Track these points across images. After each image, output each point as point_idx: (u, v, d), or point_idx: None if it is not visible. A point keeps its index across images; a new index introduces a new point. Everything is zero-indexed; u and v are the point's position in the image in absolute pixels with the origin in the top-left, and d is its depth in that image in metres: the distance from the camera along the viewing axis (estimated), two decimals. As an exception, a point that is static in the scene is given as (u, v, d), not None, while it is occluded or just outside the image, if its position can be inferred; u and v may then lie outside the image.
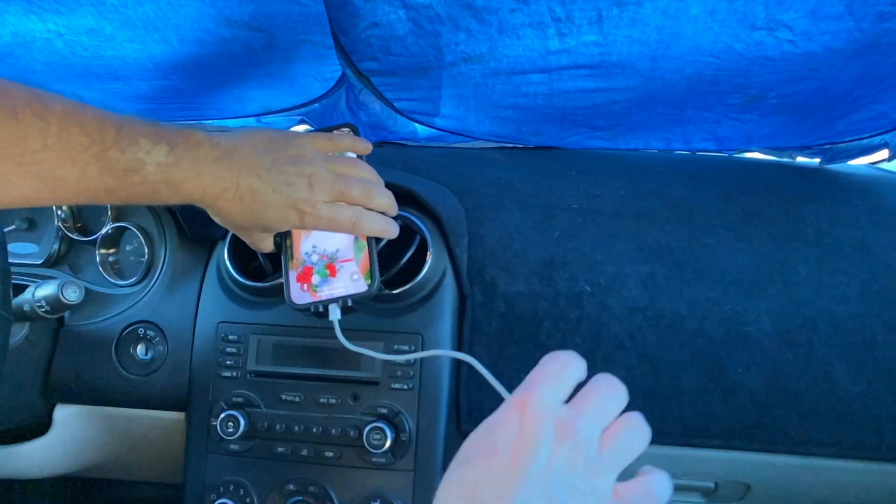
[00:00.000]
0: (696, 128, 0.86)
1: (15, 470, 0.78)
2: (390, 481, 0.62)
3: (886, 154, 0.84)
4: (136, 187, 0.43)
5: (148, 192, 0.44)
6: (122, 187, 0.42)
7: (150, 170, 0.43)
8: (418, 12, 0.67)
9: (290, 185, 0.50)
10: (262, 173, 0.48)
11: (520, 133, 0.90)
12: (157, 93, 0.91)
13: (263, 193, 0.48)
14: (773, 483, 0.73)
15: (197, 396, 0.69)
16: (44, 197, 0.40)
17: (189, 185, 0.45)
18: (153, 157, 0.43)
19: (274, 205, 0.49)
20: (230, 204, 0.48)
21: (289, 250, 0.59)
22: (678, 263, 0.71)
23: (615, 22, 0.65)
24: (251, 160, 0.48)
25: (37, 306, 0.63)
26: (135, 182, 0.42)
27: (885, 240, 0.73)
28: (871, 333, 0.68)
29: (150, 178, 0.43)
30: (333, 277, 0.58)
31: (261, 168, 0.48)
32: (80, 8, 0.72)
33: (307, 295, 0.58)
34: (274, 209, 0.49)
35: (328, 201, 0.52)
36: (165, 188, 0.44)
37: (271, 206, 0.49)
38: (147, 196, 0.44)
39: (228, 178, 0.47)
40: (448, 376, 0.68)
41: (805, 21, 0.62)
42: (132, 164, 0.42)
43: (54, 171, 0.39)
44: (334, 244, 0.59)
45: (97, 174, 0.41)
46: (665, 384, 0.68)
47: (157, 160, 0.43)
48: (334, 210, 0.53)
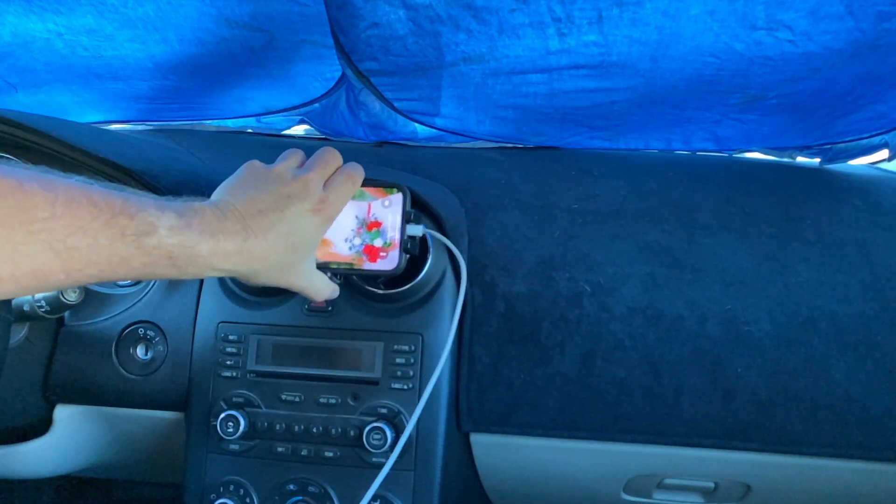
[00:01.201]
0: (696, 128, 0.86)
1: (15, 470, 0.78)
2: (390, 481, 0.62)
3: (886, 154, 0.84)
4: (152, 253, 0.42)
5: (164, 258, 0.43)
6: (137, 255, 0.42)
7: (163, 233, 0.42)
8: (418, 12, 0.67)
9: (290, 198, 0.50)
10: (262, 208, 0.49)
11: (520, 133, 0.90)
12: (157, 93, 0.91)
13: (276, 219, 0.49)
14: (773, 483, 0.73)
15: (197, 396, 0.69)
16: (56, 269, 0.39)
17: (206, 248, 0.44)
18: (164, 221, 0.43)
19: (291, 220, 0.49)
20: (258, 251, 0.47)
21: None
22: (678, 263, 0.71)
23: (615, 22, 0.65)
24: (249, 204, 0.49)
25: (37, 306, 0.63)
26: (149, 247, 0.42)
27: (885, 240, 0.73)
28: (871, 333, 0.68)
29: (165, 242, 0.42)
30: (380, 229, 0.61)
31: (260, 204, 0.49)
32: (80, 8, 0.72)
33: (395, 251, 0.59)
34: (296, 225, 0.50)
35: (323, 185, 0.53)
36: (181, 253, 0.43)
37: (291, 222, 0.49)
38: (165, 264, 0.43)
39: (240, 231, 0.47)
40: (448, 376, 0.68)
41: (805, 21, 0.62)
42: (144, 228, 0.42)
43: (66, 241, 0.39)
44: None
45: (109, 242, 0.40)
46: (665, 384, 0.68)
47: (169, 224, 0.43)
48: (334, 185, 0.54)
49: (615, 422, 0.68)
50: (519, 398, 0.69)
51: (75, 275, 0.40)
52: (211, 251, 0.45)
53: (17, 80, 0.88)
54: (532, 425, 0.69)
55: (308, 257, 0.53)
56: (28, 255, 0.38)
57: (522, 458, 0.74)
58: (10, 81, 0.88)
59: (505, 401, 0.69)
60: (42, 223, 0.38)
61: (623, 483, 0.77)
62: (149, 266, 0.43)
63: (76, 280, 0.41)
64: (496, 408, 0.69)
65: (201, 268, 0.45)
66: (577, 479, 0.76)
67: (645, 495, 0.79)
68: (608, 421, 0.68)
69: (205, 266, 0.45)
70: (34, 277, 0.39)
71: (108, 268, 0.41)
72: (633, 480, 0.76)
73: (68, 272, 0.40)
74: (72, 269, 0.40)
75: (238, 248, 0.46)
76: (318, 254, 0.63)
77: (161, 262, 0.43)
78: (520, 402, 0.69)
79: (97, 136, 0.74)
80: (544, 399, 0.69)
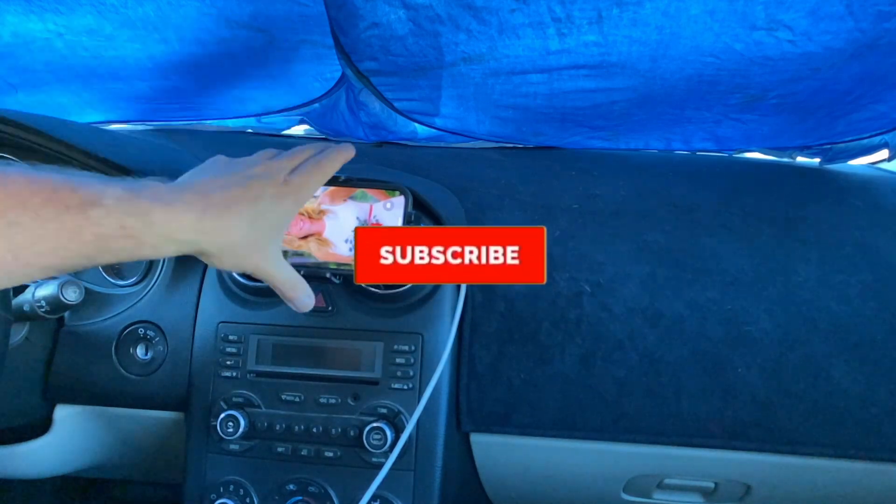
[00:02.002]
0: (696, 128, 0.86)
1: (15, 470, 0.78)
2: (390, 481, 0.62)
3: (886, 154, 0.84)
4: (102, 223, 0.40)
5: (116, 228, 0.40)
6: (86, 225, 0.39)
7: (109, 203, 0.40)
8: (418, 12, 0.67)
9: (253, 177, 0.49)
10: (224, 184, 0.47)
11: (520, 133, 0.90)
12: (157, 93, 0.91)
13: (238, 195, 0.47)
14: (773, 483, 0.73)
15: (197, 396, 0.69)
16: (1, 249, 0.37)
17: (160, 217, 0.42)
18: (109, 192, 0.41)
19: (254, 197, 0.48)
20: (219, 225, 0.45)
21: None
22: (678, 263, 0.71)
23: (615, 22, 0.65)
24: (210, 182, 0.47)
25: (37, 306, 0.63)
26: (98, 217, 0.40)
27: (885, 240, 0.73)
28: (871, 333, 0.68)
29: (114, 212, 0.40)
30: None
31: (222, 182, 0.48)
32: (80, 8, 0.72)
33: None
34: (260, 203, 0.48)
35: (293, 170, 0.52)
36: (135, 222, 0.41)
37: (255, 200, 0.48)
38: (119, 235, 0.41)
39: (198, 201, 0.45)
40: (448, 376, 0.68)
41: (805, 21, 0.62)
42: (89, 198, 0.40)
43: (6, 215, 0.37)
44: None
45: (53, 215, 0.38)
46: (665, 384, 0.68)
47: (115, 194, 0.41)
48: (299, 170, 0.52)
49: (615, 422, 0.68)
50: (519, 398, 0.69)
51: (23, 255, 0.38)
52: (167, 219, 0.42)
53: (17, 80, 0.88)
54: (532, 425, 0.69)
55: (273, 241, 0.51)
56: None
57: (522, 458, 0.74)
58: (10, 81, 0.88)
59: (505, 401, 0.69)
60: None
61: (623, 483, 0.77)
62: (102, 239, 0.40)
63: (27, 262, 0.39)
64: (496, 408, 0.69)
65: (159, 238, 0.43)
66: (577, 479, 0.76)
67: (645, 495, 0.79)
68: (608, 421, 0.68)
69: (162, 237, 0.43)
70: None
71: (58, 243, 0.39)
72: (633, 480, 0.76)
73: (15, 252, 0.38)
74: (18, 247, 0.38)
75: (197, 218, 0.44)
76: (318, 254, 0.63)
77: (114, 233, 0.40)
78: (520, 402, 0.69)
79: (97, 136, 0.74)
80: (544, 399, 0.69)
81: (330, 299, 0.67)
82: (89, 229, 0.40)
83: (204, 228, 0.45)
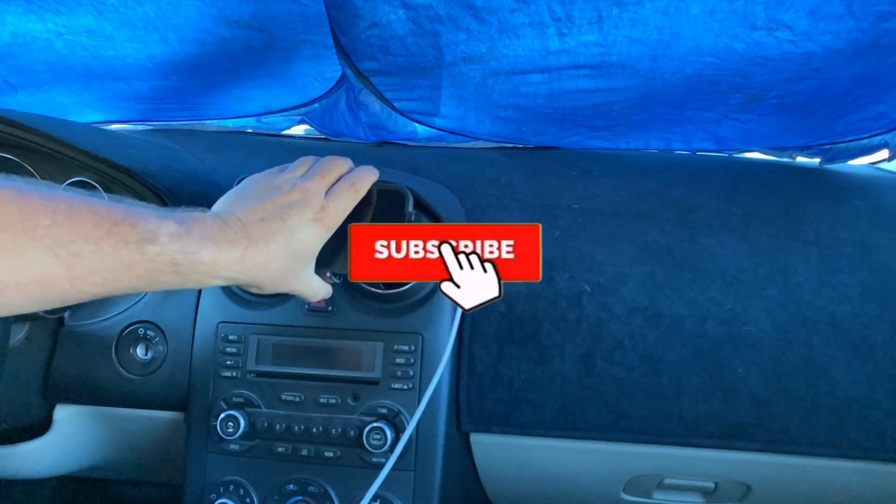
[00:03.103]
0: (696, 128, 0.86)
1: (15, 470, 0.78)
2: (390, 481, 0.62)
3: (886, 154, 0.84)
4: (155, 260, 0.42)
5: (167, 265, 0.43)
6: (140, 261, 0.42)
7: (164, 241, 0.43)
8: (418, 12, 0.67)
9: (291, 206, 0.51)
10: (263, 216, 0.49)
11: (520, 133, 0.90)
12: (157, 93, 0.91)
13: (277, 228, 0.49)
14: (773, 483, 0.73)
15: (197, 396, 0.69)
16: (61, 277, 0.39)
17: (208, 255, 0.45)
18: (164, 228, 0.43)
19: (292, 229, 0.50)
20: (259, 259, 0.48)
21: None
22: (678, 263, 0.71)
23: (615, 22, 0.65)
24: (251, 213, 0.49)
25: (37, 306, 0.62)
26: (152, 254, 0.42)
27: (885, 240, 0.73)
28: (871, 333, 0.68)
29: (167, 249, 0.43)
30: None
31: (261, 213, 0.50)
32: (80, 8, 0.72)
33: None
34: (297, 234, 0.50)
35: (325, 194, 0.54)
36: (184, 259, 0.44)
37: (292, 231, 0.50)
38: (168, 271, 0.43)
39: (241, 239, 0.47)
40: (448, 376, 0.68)
41: (805, 21, 0.62)
42: (145, 235, 0.42)
43: (69, 247, 0.39)
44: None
45: (112, 249, 0.41)
46: (665, 384, 0.68)
47: (170, 231, 0.43)
48: (335, 194, 0.54)
49: (615, 422, 0.68)
50: (519, 398, 0.69)
51: (80, 283, 0.40)
52: (213, 258, 0.45)
53: (17, 80, 0.88)
54: (532, 425, 0.69)
55: (308, 265, 0.53)
56: (32, 261, 0.38)
57: (522, 458, 0.74)
58: (10, 81, 0.88)
59: (505, 401, 0.69)
60: (45, 229, 0.38)
61: (623, 483, 0.77)
62: (153, 273, 0.43)
63: (80, 290, 0.41)
64: (496, 408, 0.69)
65: (204, 275, 0.45)
66: (577, 479, 0.76)
67: (645, 495, 0.79)
68: (608, 421, 0.68)
69: (207, 273, 0.46)
70: (38, 285, 0.39)
71: (113, 276, 0.41)
72: (633, 480, 0.76)
73: (73, 280, 0.40)
74: (76, 276, 0.40)
75: (240, 256, 0.47)
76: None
77: (164, 269, 0.43)
78: (520, 401, 0.69)
79: (97, 136, 0.74)
80: (544, 399, 0.69)
81: (330, 299, 0.67)
82: (143, 265, 0.42)
83: (246, 267, 0.47)
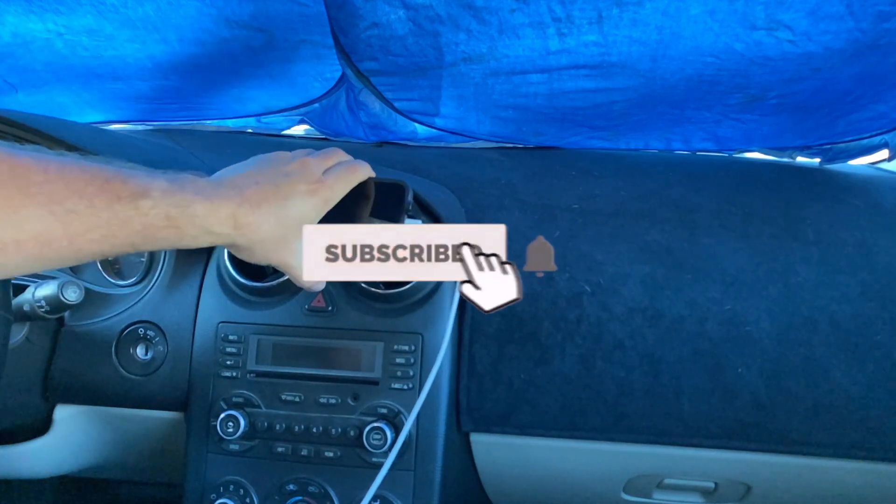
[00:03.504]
0: (696, 128, 0.86)
1: (15, 470, 0.78)
2: (390, 481, 0.62)
3: (886, 154, 0.84)
4: (149, 214, 0.43)
5: (162, 218, 0.44)
6: (135, 216, 0.43)
7: (156, 195, 0.43)
8: (418, 12, 0.67)
9: (288, 175, 0.51)
10: (259, 179, 0.50)
11: (520, 133, 0.90)
12: (157, 93, 0.91)
13: (271, 192, 0.49)
14: (773, 483, 0.73)
15: (197, 396, 0.69)
16: (59, 234, 0.40)
17: (201, 208, 0.45)
18: (155, 184, 0.44)
19: (286, 195, 0.50)
20: (251, 218, 0.48)
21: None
22: (678, 263, 0.71)
23: (615, 22, 0.65)
24: (246, 177, 0.50)
25: (37, 306, 0.63)
26: (146, 208, 0.43)
27: (885, 240, 0.73)
28: (871, 333, 0.68)
29: (160, 203, 0.43)
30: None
31: (257, 177, 0.50)
32: (80, 8, 0.72)
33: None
34: (290, 201, 0.50)
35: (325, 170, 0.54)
36: (179, 213, 0.44)
37: (286, 198, 0.50)
38: (163, 226, 0.44)
39: (234, 197, 0.48)
40: (448, 376, 0.68)
41: (805, 21, 0.62)
42: (137, 190, 0.43)
43: (64, 203, 0.40)
44: None
45: (106, 204, 0.41)
46: (665, 384, 0.68)
47: (161, 186, 0.44)
48: (333, 172, 0.54)
49: (615, 422, 0.68)
50: (519, 398, 0.69)
51: (78, 240, 0.41)
52: (206, 212, 0.46)
53: (17, 80, 0.88)
54: (532, 425, 0.69)
55: (300, 238, 0.52)
56: (28, 218, 0.39)
57: (522, 458, 0.74)
58: (10, 81, 0.88)
59: (505, 401, 0.69)
60: (38, 187, 0.39)
61: (623, 483, 0.77)
62: (148, 229, 0.43)
63: (79, 248, 0.41)
64: (496, 408, 0.69)
65: (199, 230, 0.46)
66: (577, 479, 0.76)
67: (645, 495, 0.79)
68: (608, 421, 0.68)
69: (202, 228, 0.46)
70: (37, 243, 0.40)
71: (109, 231, 0.42)
72: (633, 480, 0.76)
73: (70, 238, 0.41)
74: (73, 233, 0.41)
75: (232, 212, 0.47)
76: None
77: (159, 223, 0.44)
78: (520, 401, 0.69)
79: (97, 136, 0.74)
80: (544, 399, 0.69)
81: (330, 299, 0.67)
82: (138, 219, 0.43)
83: (238, 223, 0.48)
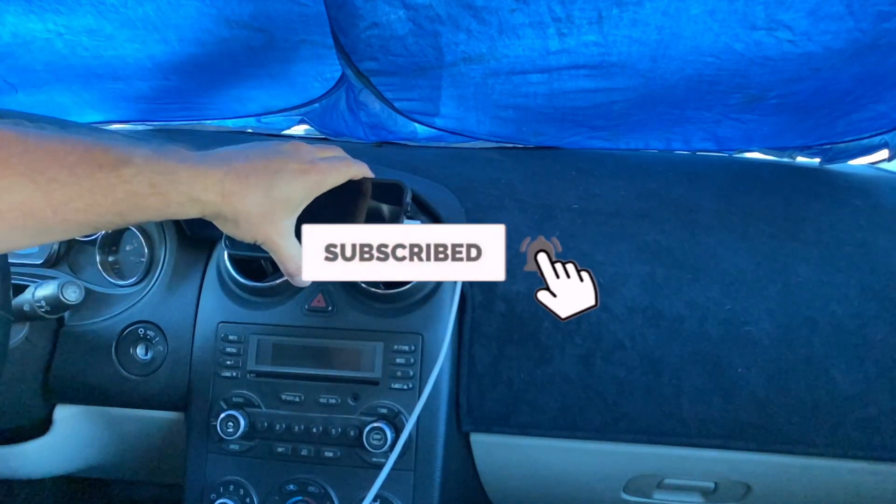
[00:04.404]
0: (696, 128, 0.86)
1: (15, 470, 0.78)
2: (390, 481, 0.62)
3: (886, 154, 0.84)
4: (132, 181, 0.42)
5: (146, 185, 0.43)
6: (118, 183, 0.42)
7: (139, 162, 0.43)
8: (418, 12, 0.67)
9: (279, 153, 0.51)
10: (250, 155, 0.49)
11: (520, 133, 0.90)
12: (157, 93, 0.91)
13: (260, 166, 0.49)
14: (773, 483, 0.73)
15: (197, 396, 0.69)
16: (42, 204, 0.40)
17: (185, 174, 0.45)
18: (138, 152, 0.43)
19: (275, 170, 0.49)
20: (237, 189, 0.47)
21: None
22: (678, 263, 0.71)
23: (615, 22, 0.65)
24: (237, 153, 0.50)
25: (37, 306, 0.63)
26: (128, 176, 0.42)
27: (885, 240, 0.73)
28: (870, 333, 0.68)
29: (144, 170, 0.43)
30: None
31: (249, 154, 0.50)
32: (80, 8, 0.72)
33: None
34: (279, 175, 0.49)
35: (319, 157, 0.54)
36: (163, 180, 0.44)
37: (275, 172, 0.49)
38: (148, 192, 0.43)
39: (221, 166, 0.47)
40: (448, 376, 0.68)
41: (805, 21, 0.62)
42: (120, 157, 0.42)
43: (45, 173, 0.40)
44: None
45: (87, 173, 0.41)
46: (665, 384, 0.68)
47: (144, 154, 0.44)
48: (331, 160, 0.54)
49: (615, 422, 0.68)
50: (519, 398, 0.69)
51: (62, 210, 0.41)
52: (192, 178, 0.45)
53: (17, 80, 0.88)
54: (532, 425, 0.69)
55: (287, 216, 0.52)
56: (8, 188, 0.39)
57: (522, 458, 0.74)
58: (10, 81, 0.88)
59: (505, 401, 0.69)
60: (17, 157, 0.39)
61: (623, 483, 0.77)
62: (133, 196, 0.43)
63: (64, 218, 0.41)
64: (496, 408, 0.69)
65: (184, 197, 0.45)
66: (577, 479, 0.76)
67: (645, 495, 0.79)
68: (608, 421, 0.68)
69: (187, 195, 0.45)
70: (20, 213, 0.39)
71: (93, 199, 0.41)
72: (633, 480, 0.76)
73: (54, 208, 0.40)
74: (57, 203, 0.40)
75: (219, 179, 0.47)
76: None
77: (143, 190, 0.43)
78: (520, 402, 0.69)
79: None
80: (544, 399, 0.69)
81: (330, 299, 0.68)
82: (121, 186, 0.42)
83: (224, 191, 0.47)
